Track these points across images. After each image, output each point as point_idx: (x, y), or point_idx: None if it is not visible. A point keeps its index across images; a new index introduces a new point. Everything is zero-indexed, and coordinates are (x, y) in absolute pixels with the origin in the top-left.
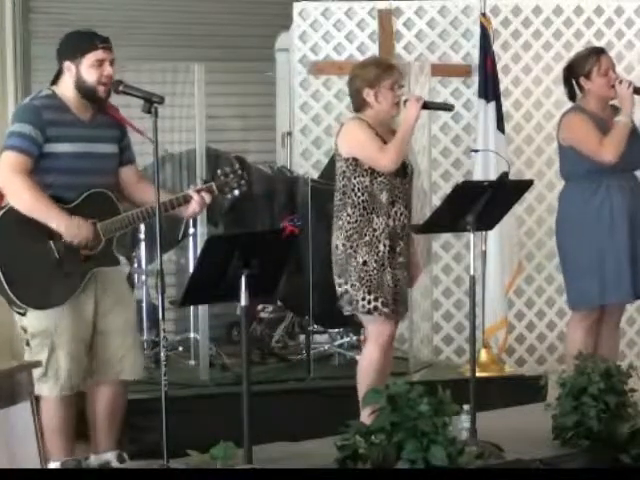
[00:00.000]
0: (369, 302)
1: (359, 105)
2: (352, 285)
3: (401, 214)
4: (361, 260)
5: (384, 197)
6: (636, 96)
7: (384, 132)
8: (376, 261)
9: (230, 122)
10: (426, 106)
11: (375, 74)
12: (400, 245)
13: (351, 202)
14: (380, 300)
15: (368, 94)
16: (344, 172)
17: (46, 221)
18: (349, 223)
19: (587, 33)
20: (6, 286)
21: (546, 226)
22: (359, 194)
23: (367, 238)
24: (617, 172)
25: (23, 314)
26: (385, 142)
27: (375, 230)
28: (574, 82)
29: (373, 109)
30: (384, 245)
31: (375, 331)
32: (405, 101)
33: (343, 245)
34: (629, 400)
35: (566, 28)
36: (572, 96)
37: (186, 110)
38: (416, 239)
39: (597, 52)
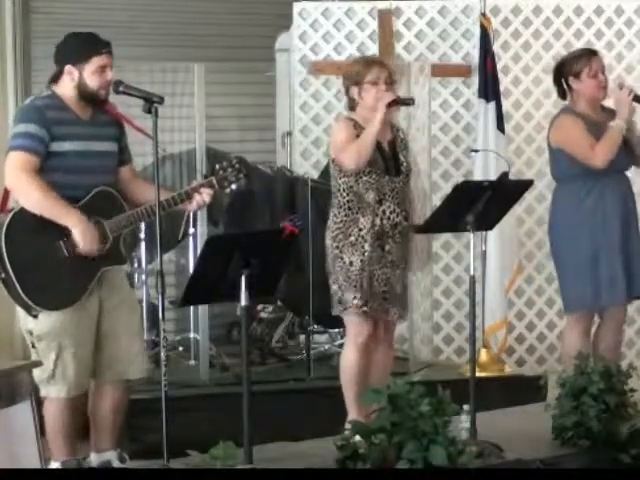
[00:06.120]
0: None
1: (350, 104)
2: (340, 286)
3: (391, 212)
4: (347, 261)
5: (370, 196)
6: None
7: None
8: (361, 261)
9: (230, 122)
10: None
11: (357, 71)
12: (390, 244)
13: (337, 202)
14: (356, 299)
15: (354, 92)
16: (332, 172)
17: (57, 219)
18: (335, 223)
19: (587, 33)
20: (20, 290)
21: (546, 226)
22: (344, 194)
23: (352, 238)
24: (610, 173)
25: (35, 316)
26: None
27: (361, 230)
28: (564, 82)
29: (361, 106)
30: (370, 245)
31: (353, 331)
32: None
33: (331, 246)
34: (629, 400)
35: (566, 28)
36: (563, 95)
37: (186, 110)
38: (417, 239)
39: (588, 53)
